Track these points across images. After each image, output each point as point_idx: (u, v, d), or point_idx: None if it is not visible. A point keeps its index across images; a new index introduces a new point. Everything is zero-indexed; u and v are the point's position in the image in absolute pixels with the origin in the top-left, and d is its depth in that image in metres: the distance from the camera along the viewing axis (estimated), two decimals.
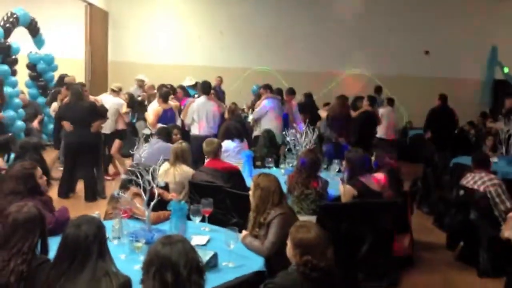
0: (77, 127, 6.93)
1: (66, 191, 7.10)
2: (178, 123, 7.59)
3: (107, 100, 8.08)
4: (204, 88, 7.76)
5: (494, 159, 6.90)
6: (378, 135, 8.84)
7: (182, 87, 9.66)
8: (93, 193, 7.05)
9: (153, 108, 7.67)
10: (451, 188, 6.11)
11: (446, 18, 12.30)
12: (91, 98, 7.73)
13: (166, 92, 7.91)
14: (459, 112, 9.44)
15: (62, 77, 9.52)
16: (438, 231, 6.10)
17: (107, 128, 7.84)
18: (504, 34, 11.90)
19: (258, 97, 8.71)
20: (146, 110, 8.32)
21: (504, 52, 12.37)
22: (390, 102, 10.07)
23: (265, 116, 7.87)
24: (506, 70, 12.58)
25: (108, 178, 8.10)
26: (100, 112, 7.20)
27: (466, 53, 12.25)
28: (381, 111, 9.31)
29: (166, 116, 7.50)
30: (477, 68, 12.73)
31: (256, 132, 8.01)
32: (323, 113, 7.56)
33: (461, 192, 5.21)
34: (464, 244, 5.28)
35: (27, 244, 2.51)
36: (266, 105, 7.92)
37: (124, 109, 8.22)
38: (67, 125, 7.00)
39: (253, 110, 8.65)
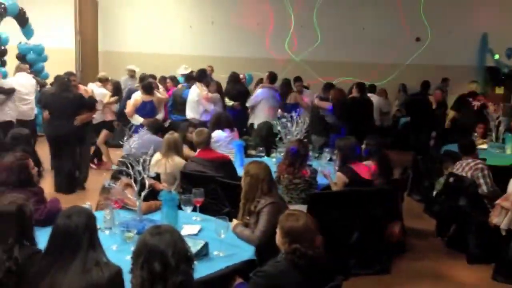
0: (56, 118, 6.73)
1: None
2: (160, 116, 7.47)
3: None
4: (198, 75, 8.18)
5: (484, 146, 6.97)
6: None
7: (172, 78, 9.64)
8: (68, 185, 6.81)
9: (134, 98, 7.52)
10: (440, 175, 6.16)
11: (437, 5, 12.28)
12: (82, 88, 7.66)
13: (148, 83, 7.71)
14: (452, 98, 9.41)
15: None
16: (429, 218, 6.13)
17: (95, 118, 7.81)
18: (494, 21, 11.91)
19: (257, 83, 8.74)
20: None
21: (494, 39, 12.40)
22: (372, 89, 10.01)
23: (258, 106, 7.88)
24: (496, 56, 12.64)
25: (93, 166, 8.10)
26: (87, 104, 7.05)
27: (457, 40, 12.26)
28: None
29: (145, 108, 7.33)
30: (469, 55, 12.74)
31: (251, 120, 8.02)
32: (323, 104, 7.28)
33: (451, 179, 5.25)
34: (453, 231, 5.35)
35: (10, 240, 2.45)
36: (259, 94, 7.94)
37: (107, 99, 8.18)
38: (45, 115, 6.91)
39: None
